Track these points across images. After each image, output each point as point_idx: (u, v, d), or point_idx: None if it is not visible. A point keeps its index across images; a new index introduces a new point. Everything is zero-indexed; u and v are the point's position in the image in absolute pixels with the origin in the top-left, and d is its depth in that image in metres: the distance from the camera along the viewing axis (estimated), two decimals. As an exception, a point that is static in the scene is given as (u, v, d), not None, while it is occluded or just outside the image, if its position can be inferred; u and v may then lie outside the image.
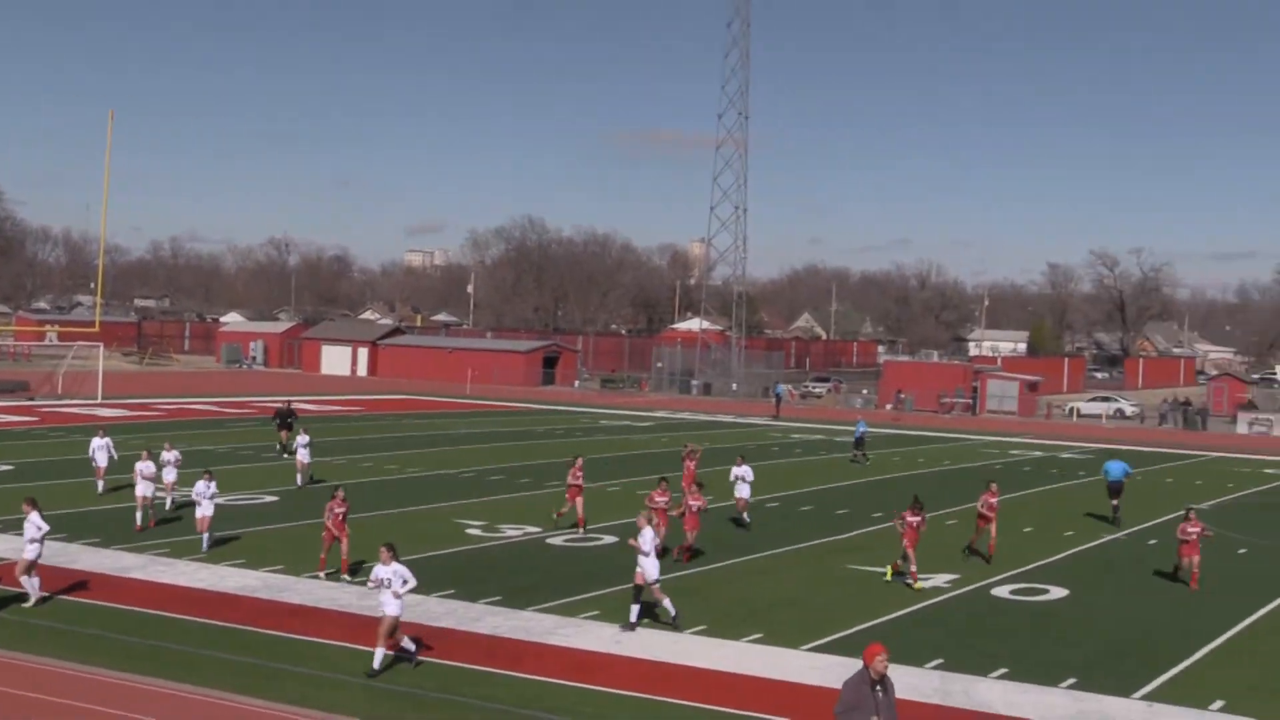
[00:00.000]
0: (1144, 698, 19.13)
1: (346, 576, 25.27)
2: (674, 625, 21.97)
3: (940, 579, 27.52)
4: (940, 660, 20.66)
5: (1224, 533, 35.95)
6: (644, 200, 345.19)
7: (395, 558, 19.61)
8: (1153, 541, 33.86)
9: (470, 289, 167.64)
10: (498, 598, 24.25)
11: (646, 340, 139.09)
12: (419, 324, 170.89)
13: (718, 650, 20.99)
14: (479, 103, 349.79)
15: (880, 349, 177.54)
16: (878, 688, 12.44)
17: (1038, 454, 59.78)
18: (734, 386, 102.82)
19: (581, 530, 31.70)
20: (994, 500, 29.95)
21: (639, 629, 21.74)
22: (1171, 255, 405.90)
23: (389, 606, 19.14)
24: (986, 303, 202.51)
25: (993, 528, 29.88)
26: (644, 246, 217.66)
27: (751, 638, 21.90)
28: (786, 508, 38.17)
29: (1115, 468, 39.16)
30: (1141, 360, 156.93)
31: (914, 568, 26.52)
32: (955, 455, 57.33)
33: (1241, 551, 32.94)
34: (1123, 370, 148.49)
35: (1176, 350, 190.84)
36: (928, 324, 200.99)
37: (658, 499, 28.55)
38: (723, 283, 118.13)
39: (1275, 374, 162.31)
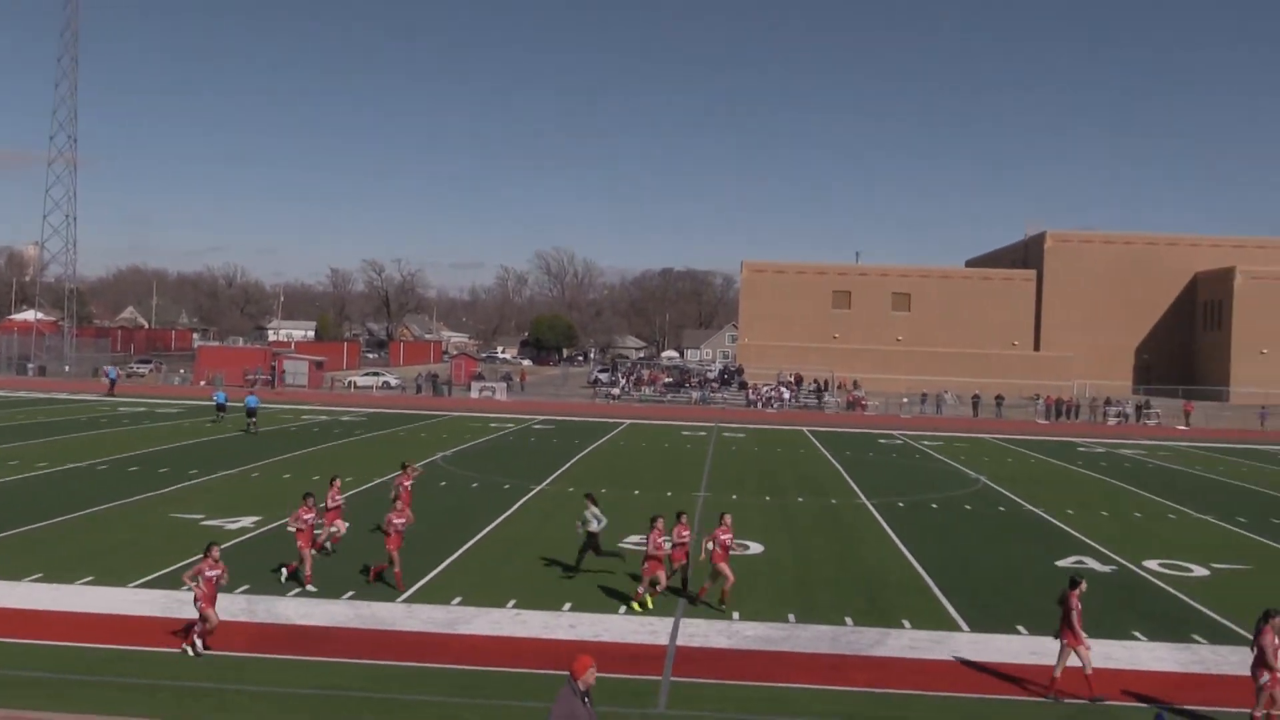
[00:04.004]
0: (404, 601, 19.72)
1: None
2: None
3: (246, 520, 26.90)
4: (248, 586, 20.18)
5: (463, 472, 37.76)
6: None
7: None
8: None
9: None
10: None
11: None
12: None
13: (52, 593, 19.31)
14: None
15: (195, 336, 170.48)
16: (586, 700, 10.28)
17: (324, 418, 59.80)
18: (66, 369, 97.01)
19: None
20: (726, 537, 20.01)
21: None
22: (423, 263, 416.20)
23: None
24: (282, 299, 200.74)
25: (726, 567, 19.70)
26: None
27: (84, 580, 20.33)
28: (116, 469, 35.74)
29: (252, 400, 51.04)
30: (403, 343, 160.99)
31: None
32: (263, 420, 56.05)
33: (474, 486, 34.61)
34: (389, 351, 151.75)
35: (428, 336, 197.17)
36: (234, 316, 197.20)
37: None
38: (55, 280, 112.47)
39: (497, 353, 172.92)
